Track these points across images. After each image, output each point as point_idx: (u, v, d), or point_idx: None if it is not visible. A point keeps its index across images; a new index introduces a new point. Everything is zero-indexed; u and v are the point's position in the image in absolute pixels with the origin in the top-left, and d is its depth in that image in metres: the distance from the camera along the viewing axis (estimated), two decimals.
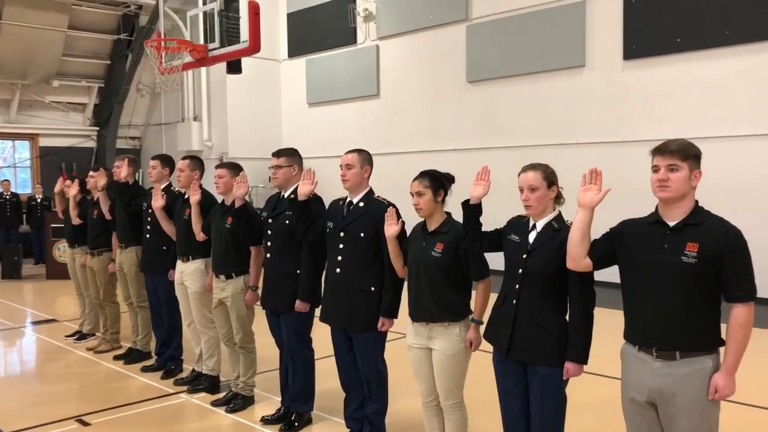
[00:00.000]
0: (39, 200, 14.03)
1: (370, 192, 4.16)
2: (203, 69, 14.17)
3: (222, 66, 9.44)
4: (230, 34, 7.75)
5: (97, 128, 16.29)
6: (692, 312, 2.67)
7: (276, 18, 14.79)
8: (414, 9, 12.49)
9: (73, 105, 16.12)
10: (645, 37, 9.52)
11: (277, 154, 4.64)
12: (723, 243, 2.64)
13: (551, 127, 10.65)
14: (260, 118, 14.83)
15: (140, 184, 7.04)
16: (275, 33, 14.87)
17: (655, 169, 2.77)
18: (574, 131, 10.37)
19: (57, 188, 7.80)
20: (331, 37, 13.93)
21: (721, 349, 2.72)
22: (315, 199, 4.40)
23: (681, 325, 2.68)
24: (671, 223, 2.75)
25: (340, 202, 4.21)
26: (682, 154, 2.72)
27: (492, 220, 3.55)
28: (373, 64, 13.24)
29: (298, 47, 14.66)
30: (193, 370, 5.77)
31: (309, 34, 14.35)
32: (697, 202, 2.78)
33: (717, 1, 8.84)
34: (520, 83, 11.06)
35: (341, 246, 4.08)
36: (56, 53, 14.64)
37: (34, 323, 8.38)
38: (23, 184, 15.92)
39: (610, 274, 3.31)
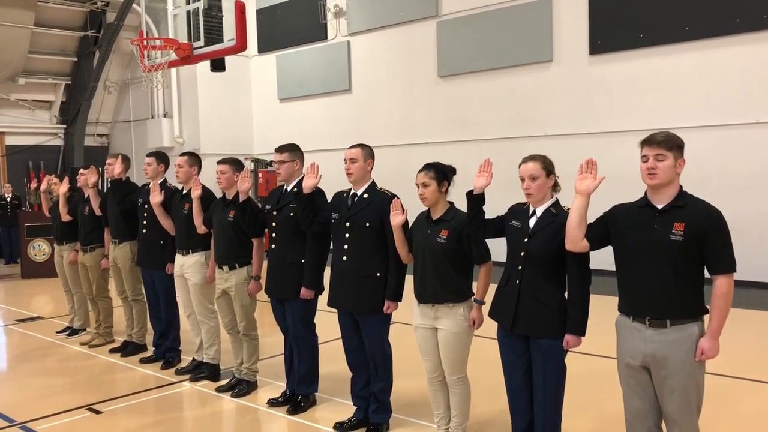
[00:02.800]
0: (9, 199, 13.89)
1: (373, 184, 4.43)
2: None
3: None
4: (213, 33, 7.90)
5: (64, 126, 16.15)
6: (680, 284, 3.02)
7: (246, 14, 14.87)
8: (384, 5, 12.76)
9: (40, 103, 15.98)
10: (610, 33, 9.98)
11: (280, 149, 4.87)
12: (706, 222, 2.99)
13: (520, 120, 11.05)
14: (231, 113, 14.94)
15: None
16: None
17: (644, 158, 3.10)
18: (541, 124, 10.78)
19: (43, 186, 7.86)
20: (301, 33, 14.11)
21: (705, 318, 3.08)
22: (318, 192, 4.65)
23: (670, 296, 3.03)
24: (659, 206, 3.09)
25: (345, 194, 4.48)
26: (667, 144, 3.06)
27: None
28: (344, 60, 13.47)
29: (268, 43, 14.79)
30: (193, 359, 5.97)
31: (279, 30, 14.49)
32: (681, 186, 3.13)
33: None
34: (489, 78, 11.43)
35: (347, 235, 4.34)
36: (22, 50, 14.48)
37: (20, 321, 8.42)
38: None
39: (598, 261, 3.67)
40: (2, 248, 14.08)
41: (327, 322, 5.09)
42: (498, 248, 3.88)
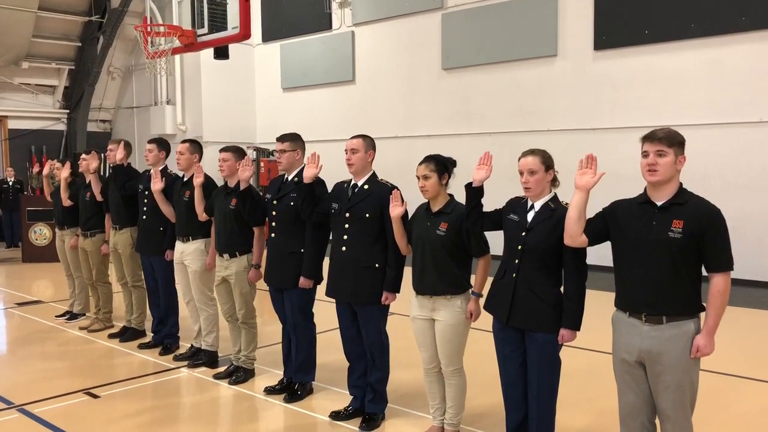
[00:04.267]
0: (11, 183, 13.91)
1: (374, 175, 4.44)
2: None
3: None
4: (217, 20, 7.89)
5: (67, 111, 16.19)
6: (677, 281, 3.02)
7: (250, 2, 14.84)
8: None
9: (43, 87, 15.99)
10: (615, 29, 9.96)
11: (281, 138, 4.87)
12: (705, 220, 2.99)
13: (523, 115, 11.04)
14: (234, 102, 14.94)
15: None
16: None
17: (645, 154, 3.10)
18: (545, 118, 10.77)
19: (45, 171, 7.87)
20: (305, 23, 14.09)
21: (702, 315, 3.08)
22: (319, 182, 4.65)
23: (667, 292, 3.03)
24: (659, 203, 3.09)
25: (345, 185, 4.48)
26: (668, 140, 3.06)
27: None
28: (348, 50, 13.45)
29: (272, 32, 14.77)
30: (192, 346, 5.99)
31: (283, 19, 14.48)
32: (681, 184, 3.13)
33: None
34: (493, 71, 11.42)
35: (347, 226, 4.35)
36: (26, 34, 14.48)
37: (20, 304, 8.46)
38: None
39: (596, 256, 3.68)
40: (3, 232, 14.11)
41: (325, 312, 5.11)
42: (496, 241, 3.89)
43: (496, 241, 3.88)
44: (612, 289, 3.24)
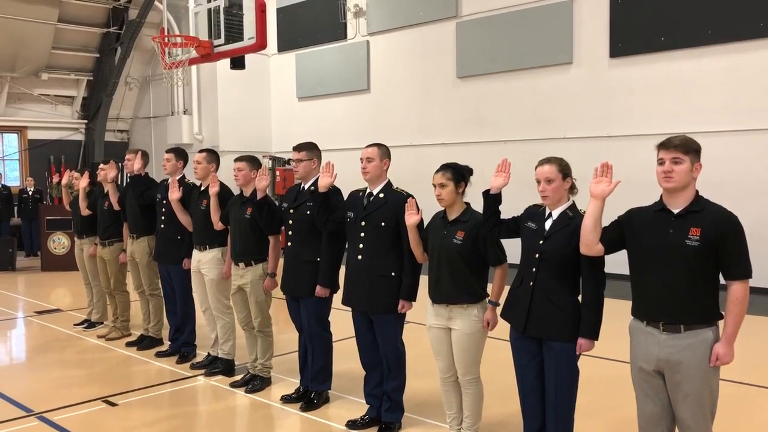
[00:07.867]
0: (30, 193, 14.08)
1: (389, 184, 4.45)
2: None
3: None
4: (233, 31, 7.95)
5: (86, 121, 16.35)
6: (695, 289, 3.00)
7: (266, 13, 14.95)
8: (404, 5, 12.77)
9: (62, 98, 16.18)
10: (630, 36, 9.92)
11: (298, 148, 4.90)
12: (722, 227, 2.97)
13: (538, 123, 11.01)
14: (250, 112, 15.02)
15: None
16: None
17: (661, 161, 3.09)
18: (560, 126, 10.73)
19: (64, 181, 7.96)
20: (321, 33, 14.16)
21: (720, 323, 3.06)
22: (334, 191, 4.67)
23: (685, 301, 3.01)
24: (675, 211, 3.08)
25: (360, 193, 4.49)
26: (684, 148, 3.05)
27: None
28: (363, 60, 13.50)
29: (287, 42, 14.85)
30: (209, 354, 6.02)
31: (298, 29, 14.56)
32: (697, 191, 3.11)
33: (700, 3, 9.25)
34: (508, 79, 11.40)
35: (362, 234, 4.36)
36: (45, 46, 14.68)
37: (39, 313, 8.54)
38: (11, 177, 15.92)
39: (612, 264, 3.65)
40: (23, 241, 14.25)
41: (341, 321, 5.12)
42: (512, 250, 3.88)
43: (512, 249, 3.87)
44: (630, 297, 3.22)
